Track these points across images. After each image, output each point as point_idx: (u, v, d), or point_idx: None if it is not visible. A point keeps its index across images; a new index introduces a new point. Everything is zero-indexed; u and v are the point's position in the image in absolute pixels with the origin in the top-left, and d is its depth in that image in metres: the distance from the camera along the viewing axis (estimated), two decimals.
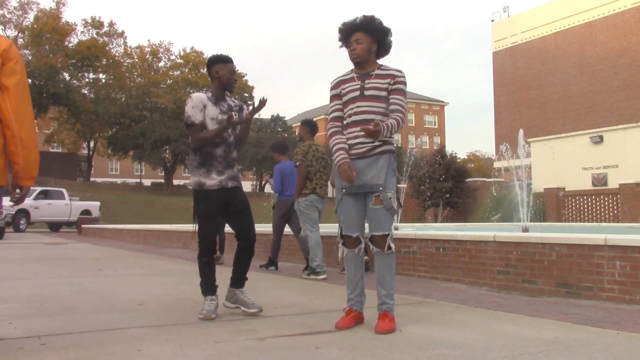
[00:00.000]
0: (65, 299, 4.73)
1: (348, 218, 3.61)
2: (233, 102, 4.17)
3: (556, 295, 5.02)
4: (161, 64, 52.96)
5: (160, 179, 59.63)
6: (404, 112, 3.57)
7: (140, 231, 16.14)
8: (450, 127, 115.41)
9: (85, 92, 47.73)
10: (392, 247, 3.52)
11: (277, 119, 59.59)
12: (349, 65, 3.77)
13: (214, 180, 3.94)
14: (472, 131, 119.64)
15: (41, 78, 41.17)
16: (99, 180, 57.99)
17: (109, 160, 66.61)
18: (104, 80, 48.99)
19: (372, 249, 3.55)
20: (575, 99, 31.37)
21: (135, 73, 51.33)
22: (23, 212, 22.10)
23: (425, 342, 3.12)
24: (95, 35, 47.57)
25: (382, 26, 3.63)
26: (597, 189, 21.45)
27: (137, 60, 51.47)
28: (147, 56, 51.57)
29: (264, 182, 53.57)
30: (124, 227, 18.13)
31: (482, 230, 10.01)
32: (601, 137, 22.50)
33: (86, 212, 24.37)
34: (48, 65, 41.85)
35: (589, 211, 20.64)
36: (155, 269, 7.88)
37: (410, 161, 18.14)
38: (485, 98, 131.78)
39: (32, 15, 45.43)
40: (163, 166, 48.42)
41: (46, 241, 15.71)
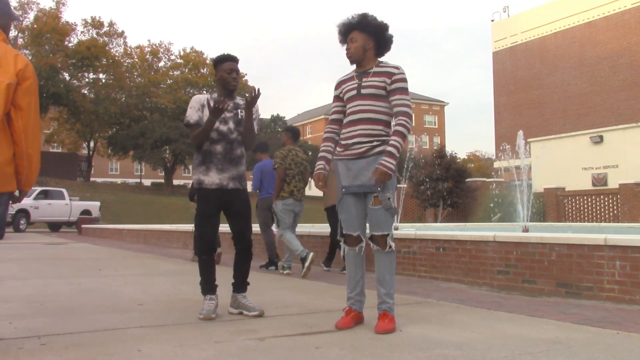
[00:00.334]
0: (65, 299, 4.72)
1: (348, 217, 3.62)
2: (241, 100, 4.14)
3: (556, 295, 5.02)
4: (161, 64, 52.95)
5: (160, 179, 59.62)
6: (409, 112, 3.53)
7: (140, 231, 16.14)
8: (450, 127, 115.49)
9: (85, 92, 47.71)
10: (392, 246, 3.53)
11: (277, 119, 59.63)
12: (348, 65, 3.79)
13: (213, 178, 3.93)
14: (472, 131, 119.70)
15: (41, 78, 41.04)
16: (99, 180, 57.98)
17: (109, 160, 66.58)
18: (104, 80, 48.98)
19: (373, 247, 3.55)
20: (575, 99, 31.38)
21: (135, 73, 51.31)
22: (23, 212, 22.07)
23: (425, 342, 3.12)
24: (95, 35, 47.55)
25: (376, 22, 3.60)
26: (597, 189, 21.46)
27: (137, 60, 51.45)
28: (147, 56, 51.54)
29: None
30: (124, 227, 18.13)
31: (482, 230, 10.01)
32: (601, 137, 22.50)
33: (86, 212, 24.36)
34: (48, 65, 41.85)
35: (589, 211, 20.65)
36: (155, 269, 7.88)
37: (409, 161, 18.14)
38: (485, 98, 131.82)
39: (32, 15, 45.44)
40: (163, 166, 48.38)
41: (46, 241, 15.71)
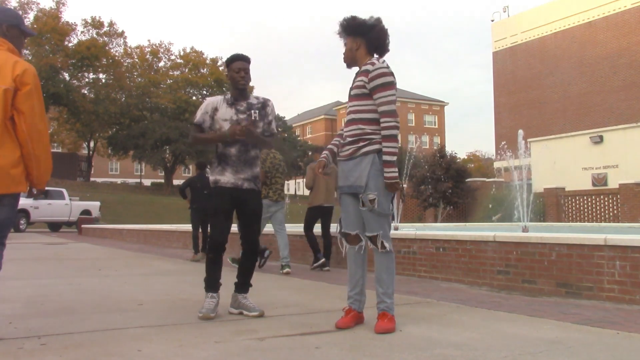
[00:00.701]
0: (65, 299, 4.72)
1: (346, 216, 3.66)
2: (256, 99, 4.15)
3: (556, 295, 5.02)
4: (161, 64, 53.02)
5: (160, 179, 59.64)
6: (391, 111, 3.44)
7: (140, 231, 16.14)
8: (450, 127, 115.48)
9: (85, 92, 47.75)
10: (387, 246, 3.51)
11: (277, 119, 59.59)
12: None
13: (228, 178, 3.98)
14: (472, 131, 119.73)
15: (41, 78, 41.03)
16: (99, 180, 57.99)
17: (109, 160, 66.60)
18: (104, 80, 49.01)
19: (371, 246, 3.58)
20: (575, 99, 31.39)
21: (135, 73, 51.35)
22: (23, 212, 22.03)
23: (425, 342, 3.12)
24: (95, 35, 47.60)
25: (356, 22, 3.57)
26: (597, 189, 21.45)
27: (137, 60, 51.50)
28: (147, 56, 51.60)
29: None
30: (124, 227, 18.13)
31: (482, 230, 10.01)
32: (601, 137, 22.50)
33: (86, 212, 24.36)
34: (48, 65, 41.88)
35: (589, 211, 20.64)
36: (155, 269, 7.88)
37: (409, 161, 18.13)
38: (485, 98, 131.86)
39: (32, 15, 45.44)
40: (163, 166, 48.43)
41: (46, 241, 15.71)
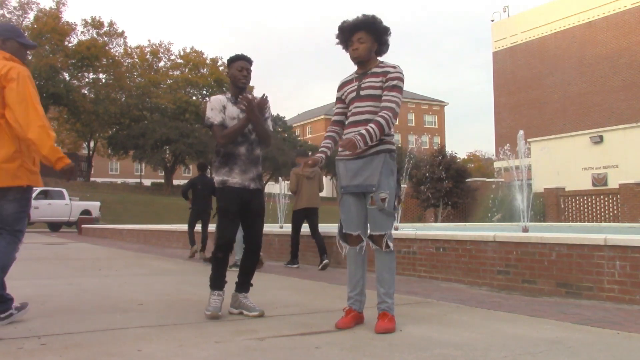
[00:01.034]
0: (65, 299, 4.73)
1: (348, 216, 3.64)
2: (255, 99, 4.17)
3: (556, 295, 5.02)
4: (161, 64, 52.99)
5: (160, 179, 59.62)
6: (394, 109, 3.49)
7: (140, 231, 16.14)
8: (450, 127, 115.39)
9: (85, 92, 47.72)
10: (391, 246, 3.53)
11: (277, 119, 59.61)
12: (348, 65, 3.79)
13: (236, 179, 3.97)
14: (472, 131, 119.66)
15: (41, 78, 41.14)
16: (99, 180, 57.97)
17: (109, 160, 66.57)
18: (104, 80, 48.99)
19: (372, 246, 3.56)
20: (575, 99, 31.38)
21: (135, 73, 51.33)
22: None
23: (425, 342, 3.12)
24: (95, 35, 47.57)
25: (382, 26, 3.64)
26: (597, 189, 21.45)
27: (137, 60, 51.48)
28: (147, 56, 51.58)
29: (264, 183, 53.64)
30: (124, 227, 18.13)
31: (482, 230, 10.01)
32: (601, 137, 22.50)
33: (86, 212, 24.36)
34: (48, 65, 41.85)
35: (589, 211, 20.64)
36: (155, 269, 7.88)
37: (410, 161, 18.14)
38: (485, 98, 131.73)
39: (32, 15, 45.50)
40: (163, 166, 48.40)
41: (46, 241, 15.71)
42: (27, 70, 3.55)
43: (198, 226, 9.81)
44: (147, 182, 61.83)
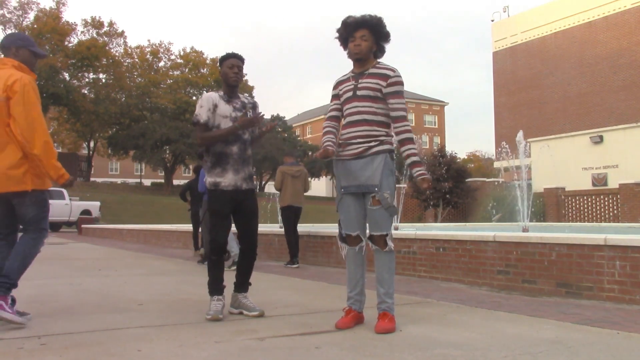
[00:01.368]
0: (65, 299, 4.73)
1: (347, 217, 3.63)
2: (247, 99, 4.20)
3: (556, 295, 5.02)
4: (161, 64, 52.94)
5: (160, 179, 59.62)
6: (406, 117, 3.63)
7: (140, 231, 16.14)
8: (450, 127, 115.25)
9: (85, 92, 47.72)
10: (392, 246, 3.53)
11: (277, 119, 59.61)
12: (348, 66, 3.79)
13: (229, 180, 3.96)
14: (472, 131, 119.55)
15: (41, 78, 41.08)
16: (99, 180, 57.96)
17: (109, 160, 66.58)
18: (104, 80, 48.99)
19: (372, 247, 3.56)
20: (575, 99, 31.37)
21: (135, 73, 51.30)
22: None
23: (425, 342, 3.12)
24: (95, 35, 47.57)
25: (386, 31, 3.66)
26: (597, 189, 21.45)
27: (137, 60, 51.45)
28: (147, 56, 51.54)
29: (264, 182, 53.60)
30: (124, 227, 18.13)
31: (482, 230, 10.01)
32: (601, 137, 22.49)
33: (86, 212, 24.36)
34: (48, 65, 41.82)
35: (589, 211, 20.64)
36: (155, 269, 7.88)
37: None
38: (485, 98, 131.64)
39: (32, 15, 45.50)
40: (163, 166, 48.41)
41: (46, 241, 15.67)
42: (33, 82, 3.64)
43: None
44: (147, 182, 61.83)
